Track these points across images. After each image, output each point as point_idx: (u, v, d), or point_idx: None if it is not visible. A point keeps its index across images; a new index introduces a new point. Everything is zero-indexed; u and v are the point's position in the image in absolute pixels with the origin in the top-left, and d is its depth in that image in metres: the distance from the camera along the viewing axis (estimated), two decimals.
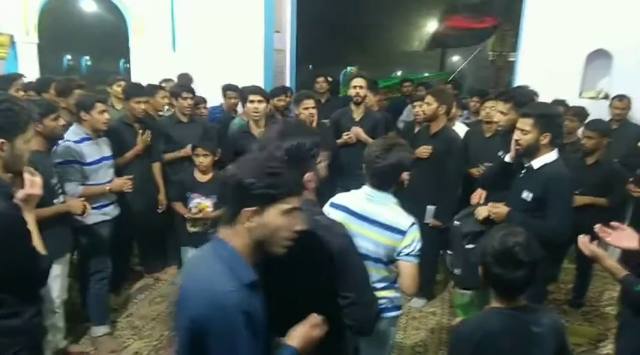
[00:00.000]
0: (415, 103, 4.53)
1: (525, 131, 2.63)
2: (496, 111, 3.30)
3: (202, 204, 3.50)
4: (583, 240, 2.05)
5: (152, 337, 3.41)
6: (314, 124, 3.83)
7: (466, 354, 1.66)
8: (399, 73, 15.12)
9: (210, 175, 3.53)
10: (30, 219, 1.77)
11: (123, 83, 4.71)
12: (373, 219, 2.06)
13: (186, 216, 3.46)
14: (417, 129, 4.12)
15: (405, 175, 2.11)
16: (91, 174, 3.13)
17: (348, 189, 2.24)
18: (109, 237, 3.28)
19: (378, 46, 15.64)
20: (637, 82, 4.75)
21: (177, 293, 1.38)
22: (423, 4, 15.77)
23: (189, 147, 3.79)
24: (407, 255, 2.04)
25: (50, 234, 2.63)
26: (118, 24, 6.55)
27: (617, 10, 4.97)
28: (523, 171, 2.78)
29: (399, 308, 2.24)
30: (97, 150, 3.19)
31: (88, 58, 16.39)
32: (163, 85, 5.11)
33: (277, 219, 1.30)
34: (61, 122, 2.88)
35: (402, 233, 2.03)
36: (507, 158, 2.83)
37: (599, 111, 4.54)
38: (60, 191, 2.86)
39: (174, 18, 6.03)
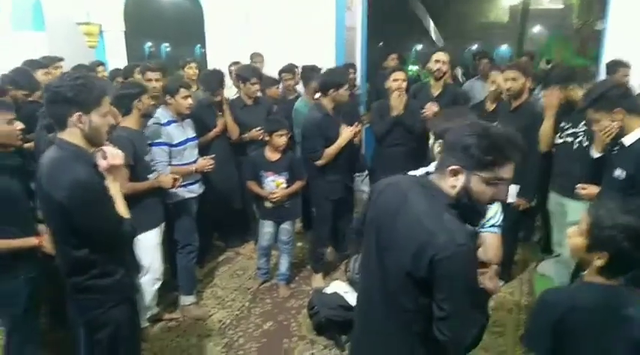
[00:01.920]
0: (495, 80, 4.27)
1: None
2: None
3: (277, 181, 3.64)
4: None
5: (233, 307, 3.62)
6: (402, 98, 3.84)
7: (549, 325, 1.60)
8: (474, 47, 14.45)
9: (280, 154, 3.64)
10: (113, 187, 1.93)
11: (194, 65, 4.94)
12: None
13: (268, 200, 3.60)
14: (492, 106, 3.98)
15: None
16: (177, 154, 3.33)
17: None
18: (195, 212, 3.50)
19: (452, 19, 15.01)
20: None
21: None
22: None
23: (254, 131, 3.97)
24: (492, 226, 2.06)
25: (144, 206, 2.91)
26: (195, 10, 6.80)
27: None
28: (616, 148, 2.62)
29: None
30: (182, 132, 3.38)
31: (167, 44, 17.18)
32: (232, 68, 5.27)
33: None
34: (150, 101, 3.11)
35: None
36: (595, 154, 2.69)
37: None
38: (153, 167, 3.09)
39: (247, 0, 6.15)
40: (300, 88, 4.95)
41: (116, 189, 1.94)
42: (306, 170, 3.70)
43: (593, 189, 2.66)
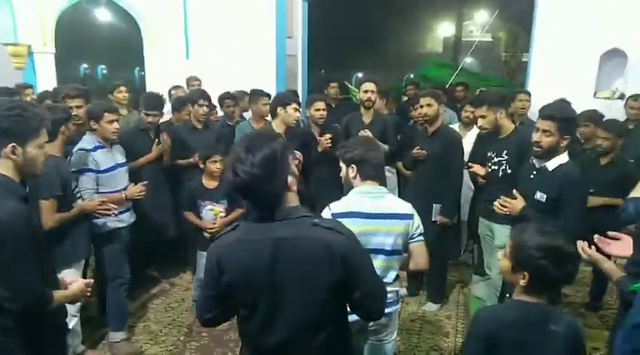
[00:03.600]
0: (414, 107, 4.54)
1: (548, 133, 2.63)
2: (476, 116, 3.51)
3: (215, 209, 3.55)
4: (582, 244, 2.05)
5: (167, 342, 3.45)
6: (322, 124, 4.02)
7: (482, 341, 1.68)
8: (411, 76, 15.05)
9: (217, 182, 3.57)
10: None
11: (124, 89, 4.81)
12: (387, 213, 2.16)
13: (206, 233, 3.50)
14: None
15: None
16: (106, 181, 3.18)
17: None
18: (125, 243, 3.34)
19: (390, 49, 15.62)
20: None
21: None
22: (434, 6, 15.73)
23: (196, 156, 3.84)
24: (419, 235, 2.22)
25: (68, 238, 2.75)
26: (133, 33, 6.67)
27: (631, 8, 4.91)
28: (535, 172, 2.77)
29: (400, 300, 2.38)
30: (110, 158, 3.24)
31: (104, 66, 16.67)
32: (173, 92, 5.19)
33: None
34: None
35: (411, 216, 2.21)
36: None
37: (615, 111, 4.49)
38: (79, 195, 2.93)
39: (187, 25, 6.12)
40: (247, 114, 4.95)
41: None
42: None
43: (516, 204, 2.75)
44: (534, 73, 5.47)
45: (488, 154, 3.48)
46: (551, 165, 2.69)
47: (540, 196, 2.68)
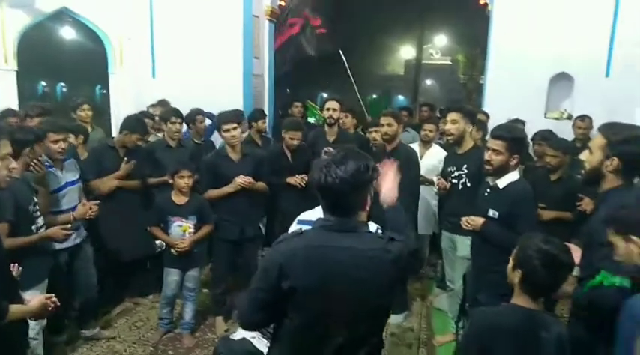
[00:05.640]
0: (371, 129, 4.70)
1: (497, 152, 2.80)
2: (448, 121, 3.59)
3: (184, 226, 3.57)
4: None
5: None
6: (293, 150, 4.13)
7: (475, 342, 1.82)
8: (374, 96, 15.44)
9: (187, 197, 3.59)
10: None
11: (86, 107, 4.76)
12: None
13: (174, 250, 3.51)
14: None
15: None
16: (54, 201, 3.13)
17: None
18: (64, 266, 3.26)
19: (355, 70, 15.96)
20: (597, 103, 5.03)
21: None
22: (397, 29, 16.26)
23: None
24: None
25: (27, 259, 2.67)
26: (96, 50, 6.62)
27: (576, 36, 5.28)
28: (488, 190, 2.94)
29: None
30: (60, 177, 3.20)
31: (63, 84, 16.31)
32: (151, 110, 5.20)
33: None
34: None
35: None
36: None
37: (563, 130, 4.78)
38: (38, 214, 2.87)
39: (153, 44, 6.14)
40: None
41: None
42: None
43: (477, 220, 2.92)
44: (490, 95, 5.76)
45: (449, 169, 3.65)
46: (502, 182, 2.86)
47: (493, 213, 2.84)
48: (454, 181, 3.60)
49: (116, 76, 6.17)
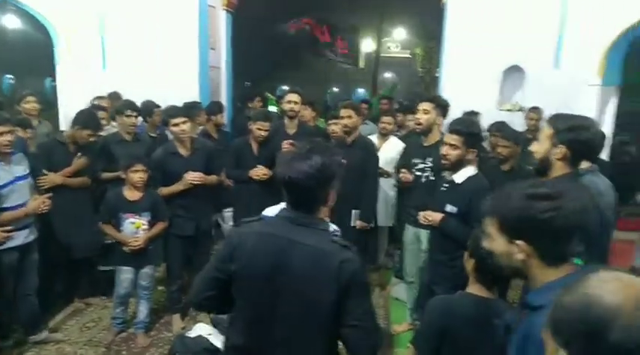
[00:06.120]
0: (331, 121, 4.63)
1: (454, 146, 2.83)
2: (420, 110, 3.56)
3: (137, 222, 3.45)
4: None
5: None
6: (260, 141, 4.03)
7: (433, 328, 1.85)
8: (335, 90, 15.47)
9: (141, 193, 3.48)
10: None
11: (32, 99, 4.56)
12: None
13: (127, 248, 3.40)
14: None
15: None
16: (4, 197, 2.99)
17: None
18: (15, 265, 3.11)
19: (314, 64, 15.95)
20: (547, 94, 5.18)
21: None
22: (356, 23, 16.30)
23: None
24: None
25: None
26: (45, 41, 6.32)
27: (528, 31, 5.41)
28: (446, 185, 2.97)
29: None
30: (7, 172, 3.05)
31: (11, 76, 15.53)
32: (96, 102, 4.99)
33: None
34: None
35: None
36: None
37: (516, 121, 4.91)
38: None
39: (104, 34, 5.90)
40: None
41: None
42: None
43: (435, 216, 2.96)
44: (445, 87, 5.85)
45: (413, 160, 3.67)
46: (459, 177, 2.89)
47: (451, 209, 2.87)
48: (418, 173, 3.61)
49: (64, 67, 5.90)
